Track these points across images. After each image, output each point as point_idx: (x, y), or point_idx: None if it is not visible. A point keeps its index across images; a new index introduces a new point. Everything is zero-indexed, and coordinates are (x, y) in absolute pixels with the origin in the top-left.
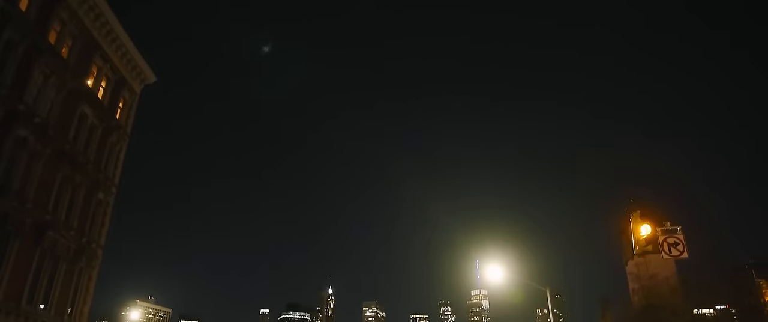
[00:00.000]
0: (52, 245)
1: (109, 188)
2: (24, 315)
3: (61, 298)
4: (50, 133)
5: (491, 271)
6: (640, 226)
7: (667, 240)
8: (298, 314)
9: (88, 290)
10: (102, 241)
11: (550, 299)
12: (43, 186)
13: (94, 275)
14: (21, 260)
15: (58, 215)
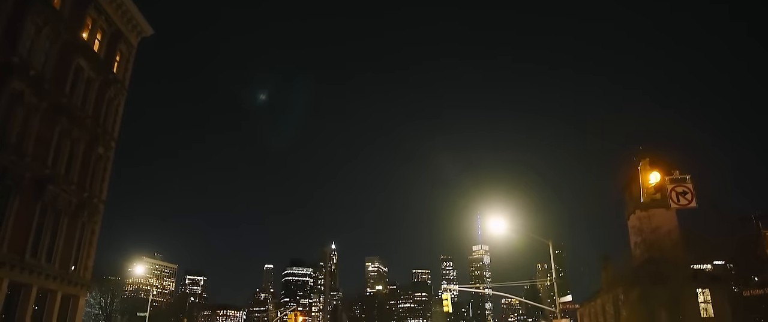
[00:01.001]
0: (53, 199)
1: (108, 143)
2: (28, 268)
3: (64, 252)
4: (46, 87)
5: (494, 223)
6: (649, 173)
7: (675, 189)
8: (301, 269)
9: (91, 244)
10: (103, 195)
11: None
12: (41, 140)
13: (97, 230)
14: (22, 214)
15: (57, 170)
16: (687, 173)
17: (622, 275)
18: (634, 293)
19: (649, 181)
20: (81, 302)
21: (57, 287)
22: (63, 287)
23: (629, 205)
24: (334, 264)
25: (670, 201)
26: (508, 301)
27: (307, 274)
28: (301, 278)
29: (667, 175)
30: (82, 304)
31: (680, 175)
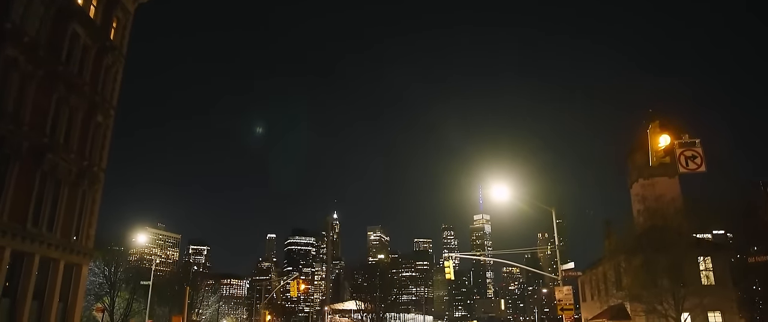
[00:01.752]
0: (53, 168)
1: (107, 111)
2: (30, 237)
3: (65, 221)
4: (41, 54)
5: (497, 190)
6: (659, 136)
7: (685, 153)
8: (304, 238)
9: (92, 212)
10: (103, 164)
11: (555, 219)
12: (39, 109)
13: (98, 199)
14: (22, 183)
15: (56, 138)
16: (696, 138)
17: (624, 243)
18: (637, 261)
19: (658, 144)
20: (84, 271)
21: (59, 256)
22: (65, 256)
23: (633, 173)
24: (336, 233)
25: (678, 165)
26: (509, 270)
27: (310, 243)
28: (303, 248)
29: (676, 139)
30: (85, 272)
31: (690, 139)
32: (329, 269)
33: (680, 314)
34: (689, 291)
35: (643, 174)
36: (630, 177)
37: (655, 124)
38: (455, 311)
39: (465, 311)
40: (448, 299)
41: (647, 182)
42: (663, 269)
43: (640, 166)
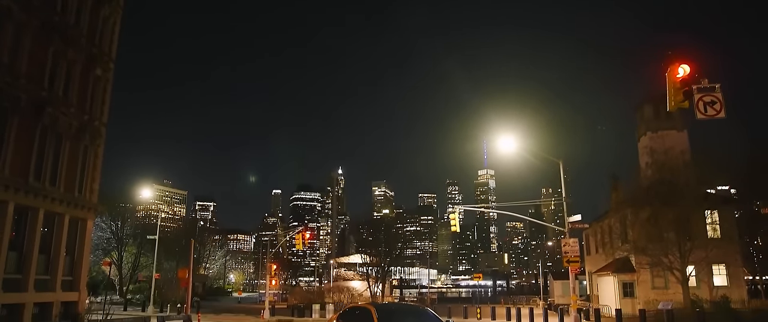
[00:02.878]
0: (53, 122)
1: (106, 64)
2: (33, 192)
3: (68, 175)
4: (35, 3)
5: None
6: (678, 79)
7: (703, 98)
8: (309, 194)
9: (95, 167)
10: (104, 118)
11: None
12: (35, 61)
13: (100, 153)
14: (22, 137)
15: (54, 92)
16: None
17: (632, 196)
18: (644, 214)
19: (676, 76)
20: (89, 225)
21: (64, 211)
22: (70, 211)
23: (640, 126)
24: (341, 189)
25: (696, 111)
26: (513, 225)
27: (315, 198)
28: (308, 203)
29: (695, 83)
30: (90, 227)
31: (709, 84)
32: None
33: (685, 266)
34: (695, 244)
35: (651, 127)
36: (638, 131)
37: (674, 67)
38: (459, 265)
39: (468, 265)
40: (451, 253)
41: (656, 135)
42: (670, 222)
43: (649, 119)
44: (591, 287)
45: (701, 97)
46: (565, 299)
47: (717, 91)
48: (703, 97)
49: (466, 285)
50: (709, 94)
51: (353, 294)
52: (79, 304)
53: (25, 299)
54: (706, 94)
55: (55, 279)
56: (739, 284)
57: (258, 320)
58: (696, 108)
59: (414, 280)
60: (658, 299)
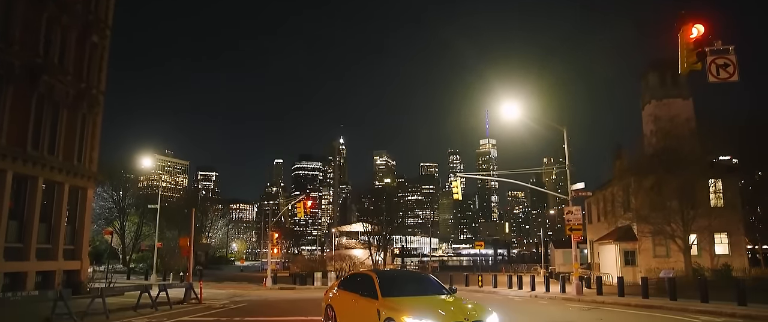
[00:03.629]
0: (49, 90)
1: (102, 31)
2: (31, 160)
3: (67, 144)
4: None
5: (507, 109)
6: (691, 39)
7: (716, 61)
8: (310, 163)
9: (93, 135)
10: (102, 86)
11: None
12: (29, 27)
13: (99, 122)
14: (18, 105)
15: (50, 59)
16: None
17: (636, 164)
18: (648, 182)
19: (690, 36)
20: (89, 194)
21: (63, 179)
22: (69, 179)
23: (645, 94)
24: (343, 158)
25: (708, 74)
26: (514, 194)
27: (317, 168)
28: (310, 173)
29: (708, 45)
30: (91, 196)
31: (722, 46)
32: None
33: (688, 235)
34: (698, 213)
35: (656, 95)
36: (642, 99)
37: (687, 27)
38: (460, 234)
39: (470, 233)
40: (453, 222)
41: (660, 103)
42: (673, 191)
43: (654, 86)
44: (592, 256)
45: (714, 59)
46: (566, 267)
47: (730, 53)
48: (715, 60)
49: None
50: (723, 56)
51: (355, 262)
52: (82, 272)
53: (27, 267)
54: (719, 56)
55: (56, 248)
56: (740, 252)
57: (260, 288)
58: (708, 71)
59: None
60: (660, 267)
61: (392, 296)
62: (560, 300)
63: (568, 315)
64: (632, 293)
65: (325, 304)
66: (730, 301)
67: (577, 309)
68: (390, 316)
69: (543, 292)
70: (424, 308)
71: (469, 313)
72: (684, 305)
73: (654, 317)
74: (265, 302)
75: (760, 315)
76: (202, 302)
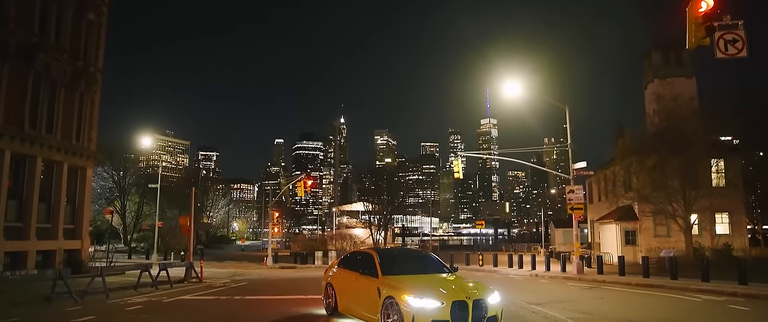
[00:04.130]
0: (46, 68)
1: (99, 8)
2: (29, 140)
3: (65, 123)
4: None
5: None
6: (700, 13)
7: (724, 36)
8: (311, 143)
9: (92, 114)
10: (99, 64)
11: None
12: (24, 5)
13: (97, 101)
14: (14, 84)
15: (46, 37)
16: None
17: (638, 143)
18: (650, 161)
19: (699, 10)
20: (89, 173)
21: (62, 159)
22: (68, 159)
23: (648, 74)
24: (344, 138)
25: (716, 50)
26: (514, 174)
27: (317, 147)
28: (311, 152)
29: (716, 20)
30: (90, 175)
31: (731, 21)
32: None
33: (689, 214)
34: (700, 193)
35: (659, 74)
36: (645, 78)
37: (697, 0)
38: (460, 213)
39: (470, 213)
40: (453, 201)
41: (663, 82)
42: (675, 170)
43: (657, 65)
44: (592, 235)
45: (722, 34)
46: (566, 246)
47: (739, 28)
48: (724, 35)
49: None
50: (731, 31)
51: (356, 241)
52: (82, 252)
53: (27, 247)
54: (728, 31)
55: (56, 227)
56: (740, 232)
57: (261, 267)
58: (716, 46)
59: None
60: (660, 246)
61: (393, 275)
62: (561, 279)
63: (569, 294)
64: (633, 273)
65: (325, 282)
66: (731, 280)
67: (578, 288)
68: (390, 294)
69: (544, 271)
70: (425, 286)
71: (470, 291)
72: (685, 284)
73: (655, 296)
74: (266, 280)
75: (762, 294)
76: (203, 280)
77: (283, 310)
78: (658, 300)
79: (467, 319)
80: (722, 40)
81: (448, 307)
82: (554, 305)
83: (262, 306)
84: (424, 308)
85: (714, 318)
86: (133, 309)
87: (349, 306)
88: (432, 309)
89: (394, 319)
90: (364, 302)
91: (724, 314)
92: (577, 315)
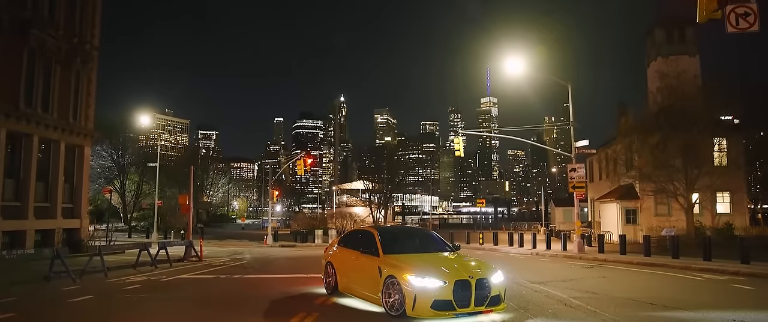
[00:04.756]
0: (40, 44)
1: None
2: (25, 118)
3: (61, 101)
4: None
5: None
6: None
7: (736, 10)
8: (311, 122)
9: (89, 92)
10: (96, 42)
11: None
12: None
13: (93, 78)
14: (8, 61)
15: (39, 13)
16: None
17: (640, 121)
18: (653, 139)
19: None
20: (86, 152)
21: (59, 137)
22: (65, 137)
23: (651, 52)
24: (344, 116)
25: (727, 24)
26: (514, 153)
27: (317, 126)
28: (311, 131)
29: None
30: (88, 154)
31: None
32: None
33: (691, 193)
34: (702, 172)
35: (662, 52)
36: (648, 56)
37: None
38: (460, 191)
39: (470, 192)
40: (453, 180)
41: (667, 60)
42: (678, 149)
43: (660, 43)
44: (592, 214)
45: (733, 8)
46: (566, 225)
47: (752, 1)
48: (735, 9)
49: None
50: (743, 4)
51: (356, 220)
52: (81, 230)
53: (25, 226)
54: (740, 5)
55: (55, 206)
56: (741, 211)
57: (261, 245)
58: (727, 20)
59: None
60: (661, 225)
61: (394, 253)
62: (562, 258)
63: (571, 273)
64: (634, 251)
65: (325, 261)
66: (732, 259)
67: (579, 267)
68: (392, 273)
69: (544, 250)
70: (426, 265)
71: (473, 271)
72: (687, 263)
73: (658, 275)
74: (266, 259)
75: (765, 273)
76: (203, 259)
77: (283, 289)
78: (661, 279)
79: (470, 298)
80: (733, 14)
81: (451, 286)
82: (557, 284)
83: (262, 285)
84: (427, 288)
85: (718, 297)
86: (131, 288)
87: (350, 285)
88: (434, 288)
89: (395, 298)
90: (364, 281)
91: (728, 294)
92: (580, 294)
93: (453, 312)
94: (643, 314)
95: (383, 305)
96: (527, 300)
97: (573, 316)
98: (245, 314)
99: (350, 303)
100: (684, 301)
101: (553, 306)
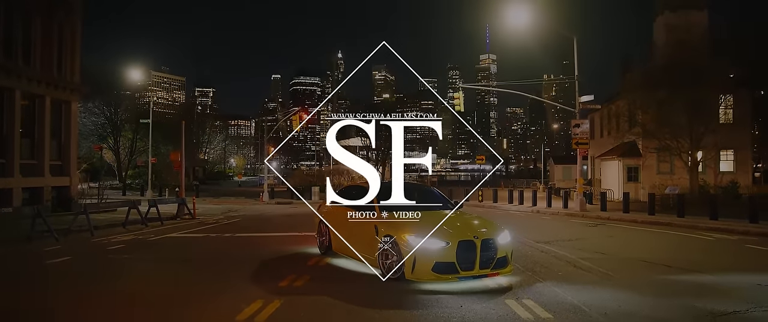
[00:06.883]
0: None
1: None
2: (5, 71)
3: (44, 54)
4: None
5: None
6: None
7: None
8: (308, 78)
9: (73, 44)
10: None
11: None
12: None
13: (78, 29)
14: None
15: None
16: None
17: (646, 76)
18: (659, 95)
19: None
20: (73, 108)
21: (44, 92)
22: (50, 92)
23: (658, 4)
24: (341, 73)
25: None
26: (513, 110)
27: (315, 83)
28: (308, 88)
29: None
30: (75, 109)
31: None
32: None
33: (696, 151)
34: (707, 129)
35: (669, 5)
36: (655, 9)
37: None
38: (458, 149)
39: (468, 149)
40: (451, 137)
41: (674, 14)
42: (684, 105)
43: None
44: (593, 172)
45: None
46: (565, 183)
47: None
48: None
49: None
50: None
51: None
52: (71, 188)
53: (11, 184)
54: None
55: (42, 164)
56: (745, 169)
57: (257, 202)
58: None
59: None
60: (664, 184)
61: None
62: (564, 216)
63: (575, 232)
64: (636, 210)
65: (319, 219)
66: (738, 218)
67: (583, 225)
68: (389, 233)
69: (545, 207)
70: (427, 224)
71: (478, 230)
72: (693, 222)
73: (665, 234)
74: (260, 216)
75: None
76: (196, 217)
77: (275, 248)
78: (669, 238)
79: (475, 260)
80: None
81: (454, 247)
82: (563, 243)
83: (253, 244)
84: (427, 248)
85: (737, 259)
86: (114, 248)
87: (344, 245)
88: (436, 249)
89: (393, 260)
90: (360, 241)
91: (744, 255)
92: (589, 255)
93: (456, 275)
94: (660, 277)
95: (380, 267)
96: (534, 261)
97: (586, 280)
98: (230, 276)
99: (344, 264)
100: (700, 263)
101: (562, 268)
